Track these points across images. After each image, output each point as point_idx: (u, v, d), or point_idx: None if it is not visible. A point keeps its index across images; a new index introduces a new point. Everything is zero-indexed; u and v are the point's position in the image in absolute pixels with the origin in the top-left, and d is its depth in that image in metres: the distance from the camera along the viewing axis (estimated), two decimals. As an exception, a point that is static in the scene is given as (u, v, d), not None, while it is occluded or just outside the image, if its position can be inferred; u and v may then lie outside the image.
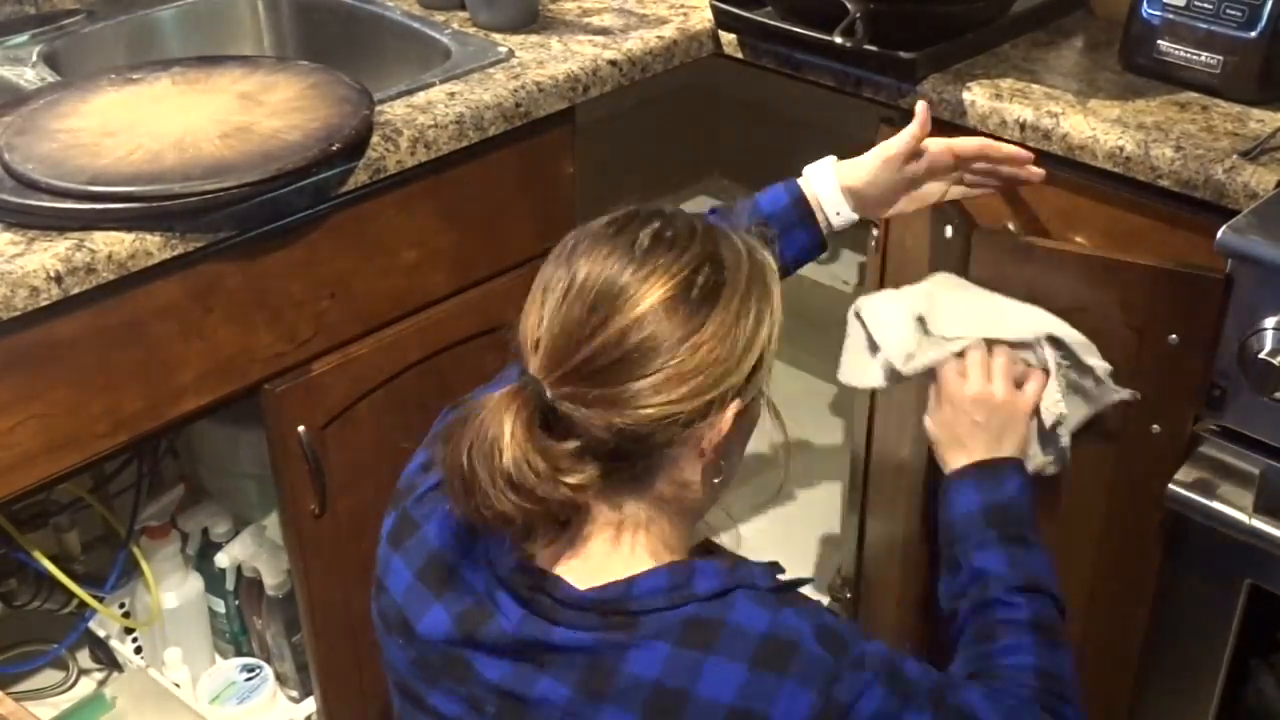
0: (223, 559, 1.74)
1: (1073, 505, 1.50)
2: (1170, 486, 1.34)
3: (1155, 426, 1.40)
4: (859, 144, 1.67)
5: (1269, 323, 1.26)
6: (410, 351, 1.57)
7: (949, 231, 1.45)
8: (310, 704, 1.74)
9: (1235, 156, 1.37)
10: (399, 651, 1.06)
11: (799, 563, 2.06)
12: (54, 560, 1.61)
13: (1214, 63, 1.49)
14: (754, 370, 0.99)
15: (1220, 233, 1.25)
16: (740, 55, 1.73)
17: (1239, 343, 1.28)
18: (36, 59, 1.60)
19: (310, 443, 1.49)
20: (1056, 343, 1.32)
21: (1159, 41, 1.52)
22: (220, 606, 1.81)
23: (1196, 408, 1.36)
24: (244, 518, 1.78)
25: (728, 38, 1.73)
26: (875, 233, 1.67)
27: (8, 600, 1.71)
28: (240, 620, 1.82)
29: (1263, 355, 1.26)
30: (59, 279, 1.22)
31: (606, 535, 1.00)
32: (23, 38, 1.64)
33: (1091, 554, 1.51)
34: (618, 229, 0.99)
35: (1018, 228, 1.53)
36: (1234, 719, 1.46)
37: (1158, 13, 1.51)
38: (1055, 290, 1.40)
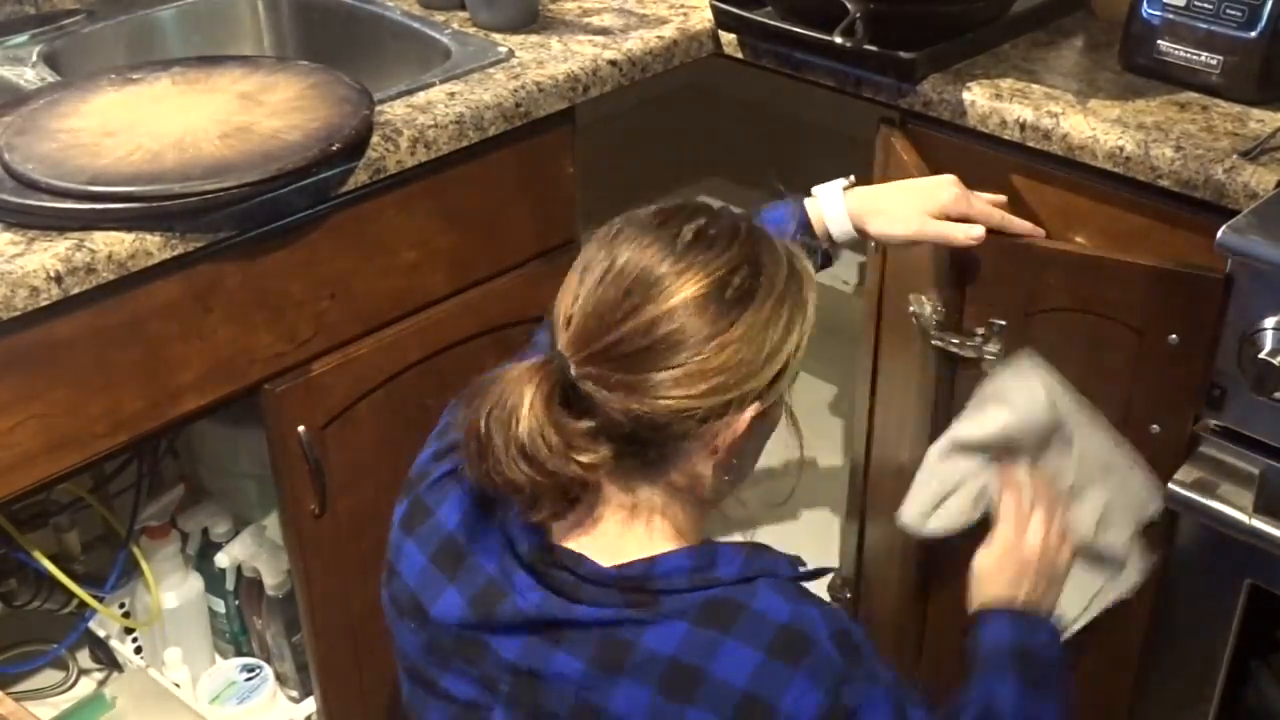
0: (223, 559, 1.74)
1: (1073, 505, 1.50)
2: (1170, 486, 1.34)
3: (1155, 426, 1.39)
4: (859, 144, 1.67)
5: (1269, 323, 1.26)
6: (410, 351, 1.57)
7: (949, 231, 1.45)
8: (310, 704, 1.74)
9: (1235, 156, 1.37)
10: (411, 636, 1.06)
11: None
12: (54, 560, 1.61)
13: (1214, 63, 1.49)
14: (777, 376, 1.01)
15: (1220, 233, 1.25)
16: (740, 55, 1.73)
17: (1239, 343, 1.28)
18: (36, 59, 1.60)
19: (310, 443, 1.49)
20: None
21: (1159, 41, 1.52)
22: (220, 606, 1.81)
23: (1196, 408, 1.36)
24: (244, 518, 1.78)
25: (728, 38, 1.73)
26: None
27: (8, 600, 1.71)
28: (240, 620, 1.82)
29: (1263, 355, 1.26)
30: (59, 279, 1.22)
31: (620, 517, 1.02)
32: (23, 38, 1.64)
33: (1091, 554, 1.51)
34: (663, 220, 1.00)
35: (1018, 228, 1.54)
36: (1234, 719, 1.46)
37: (1158, 13, 1.51)
38: (1055, 290, 1.40)
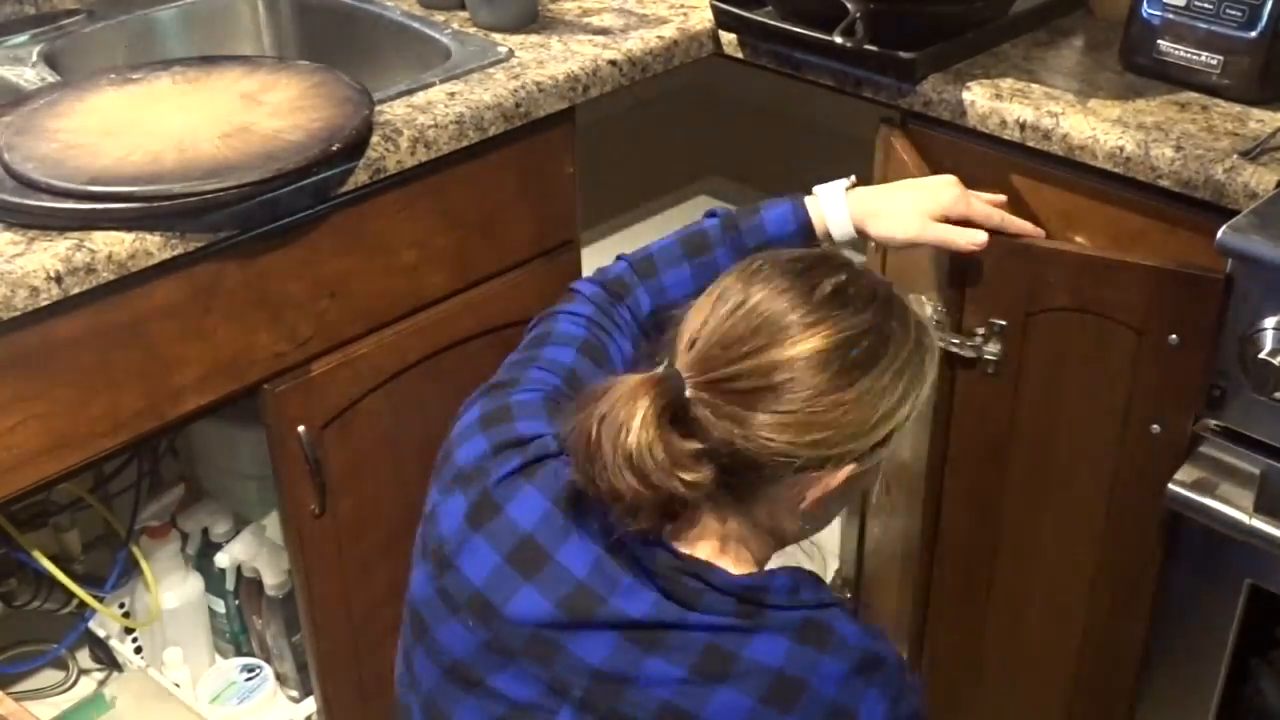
0: (223, 559, 1.74)
1: (1073, 505, 1.50)
2: (1170, 486, 1.34)
3: (1155, 426, 1.40)
4: (859, 144, 1.67)
5: (1269, 323, 1.26)
6: (410, 351, 1.57)
7: (949, 231, 1.46)
8: (310, 704, 1.74)
9: (1235, 156, 1.37)
10: (464, 633, 1.05)
11: (800, 562, 2.05)
12: (54, 560, 1.61)
13: (1214, 63, 1.49)
14: (880, 442, 1.03)
15: (1220, 233, 1.25)
16: (740, 55, 1.73)
17: (1239, 343, 1.28)
18: (36, 59, 1.60)
19: (310, 443, 1.49)
20: None
21: (1159, 41, 1.52)
22: (220, 606, 1.81)
23: (1196, 408, 1.36)
24: (244, 518, 1.78)
25: (728, 38, 1.73)
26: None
27: (8, 600, 1.71)
28: (240, 620, 1.82)
29: (1263, 355, 1.26)
30: (59, 279, 1.22)
31: (713, 543, 1.04)
32: (23, 38, 1.64)
33: (1091, 554, 1.51)
34: (806, 268, 1.03)
35: (1018, 228, 1.53)
36: (1234, 719, 1.46)
37: (1158, 13, 1.51)
38: (1055, 290, 1.40)
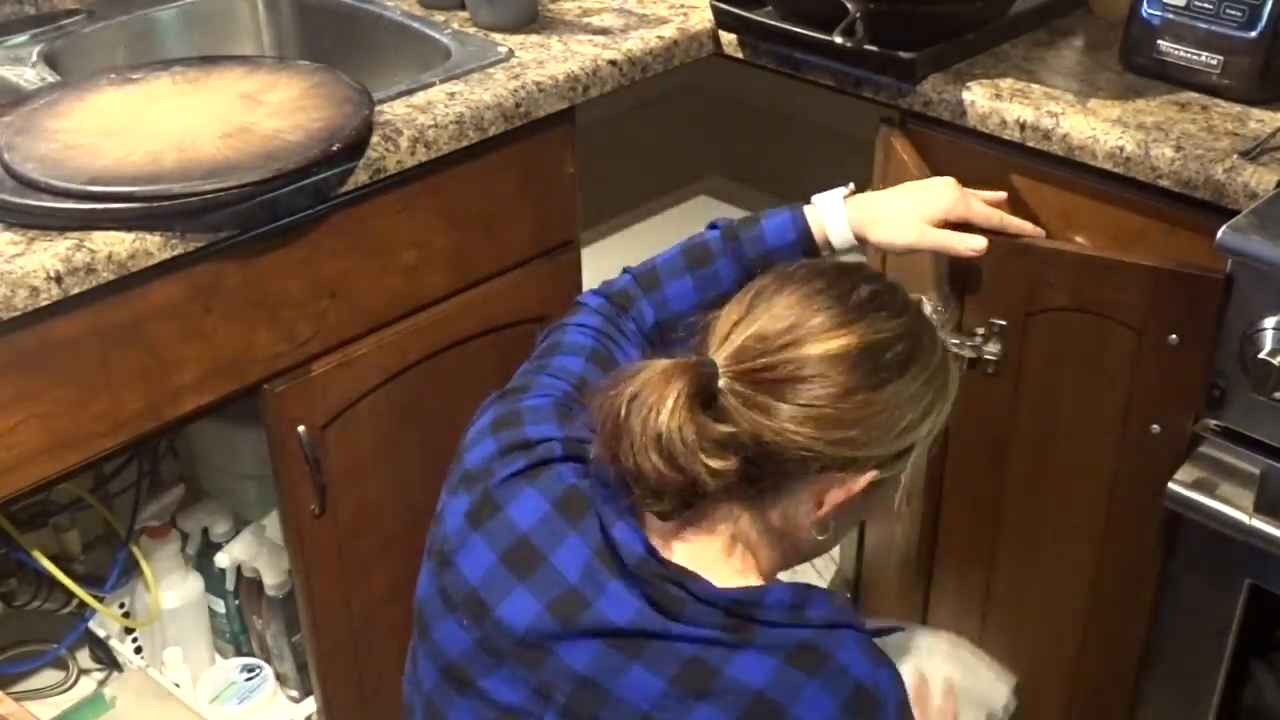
0: (223, 559, 1.74)
1: (1073, 505, 1.50)
2: (1170, 486, 1.34)
3: (1155, 426, 1.40)
4: (859, 144, 1.67)
5: (1269, 323, 1.26)
6: (410, 351, 1.57)
7: (949, 231, 1.46)
8: (310, 704, 1.74)
9: (1235, 156, 1.37)
10: (458, 632, 1.06)
11: (800, 563, 2.05)
12: (54, 560, 1.61)
13: (1214, 63, 1.49)
14: (902, 453, 1.04)
15: (1220, 233, 1.25)
16: (740, 55, 1.73)
17: (1239, 343, 1.28)
18: (36, 59, 1.60)
19: (310, 443, 1.49)
20: None
21: (1159, 41, 1.52)
22: (220, 606, 1.81)
23: (1196, 408, 1.36)
24: (244, 518, 1.78)
25: (728, 38, 1.73)
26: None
27: (8, 600, 1.71)
28: (240, 620, 1.82)
29: (1263, 355, 1.26)
30: (59, 279, 1.22)
31: (721, 543, 1.04)
32: (23, 38, 1.64)
33: (1091, 554, 1.51)
34: (840, 273, 1.05)
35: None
36: (1234, 719, 1.46)
37: (1158, 13, 1.51)
38: (1055, 290, 1.40)
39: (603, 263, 1.67)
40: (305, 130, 1.38)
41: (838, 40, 1.54)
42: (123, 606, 1.82)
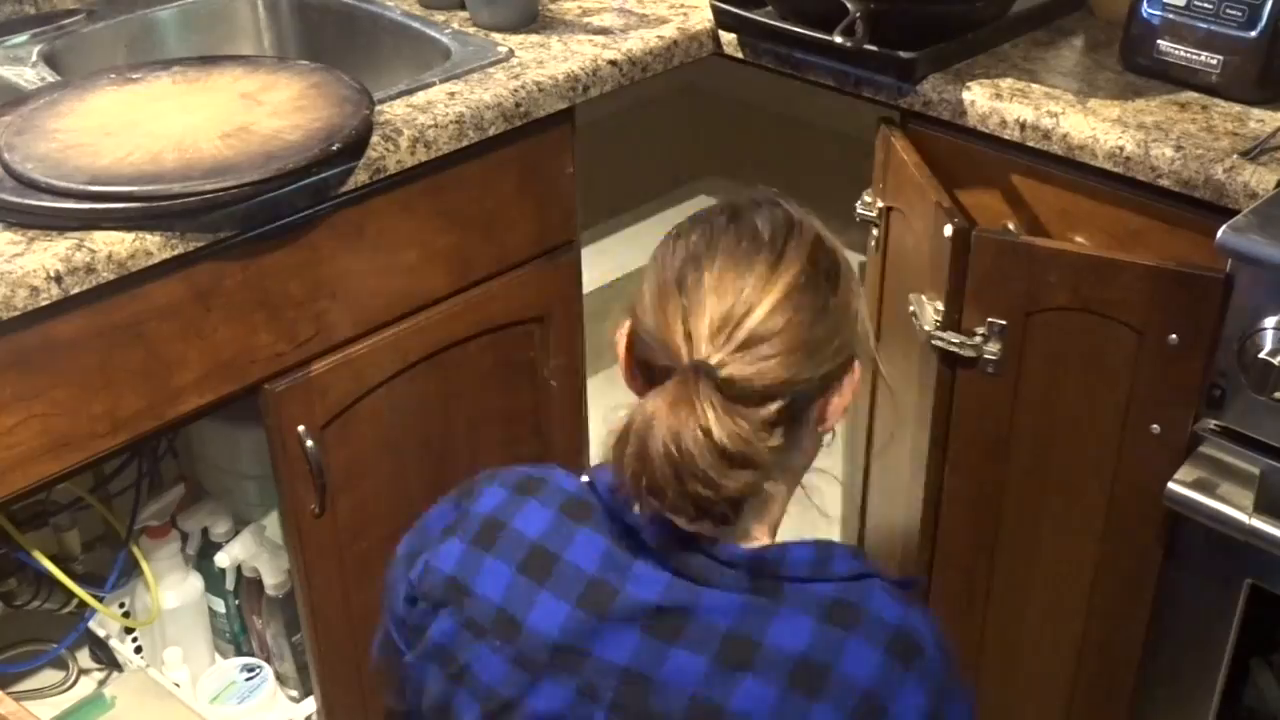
0: (223, 559, 1.74)
1: (1073, 505, 1.50)
2: (1170, 486, 1.34)
3: (1155, 426, 1.40)
4: (859, 144, 1.67)
5: (1269, 323, 1.26)
6: (410, 351, 1.57)
7: (949, 231, 1.45)
8: (310, 704, 1.74)
9: (1235, 156, 1.37)
10: (493, 657, 1.03)
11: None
12: (54, 560, 1.61)
13: (1214, 63, 1.49)
14: (866, 335, 1.07)
15: (1220, 233, 1.25)
16: (740, 55, 1.73)
17: (1239, 343, 1.28)
18: (36, 59, 1.60)
19: (310, 443, 1.49)
20: None
21: (1159, 41, 1.52)
22: (220, 606, 1.81)
23: (1196, 408, 1.36)
24: (244, 518, 1.77)
25: (728, 38, 1.73)
26: (875, 233, 1.68)
27: (8, 600, 1.71)
28: (240, 620, 1.82)
29: (1263, 355, 1.26)
30: (59, 279, 1.22)
31: (773, 511, 1.06)
32: (23, 38, 1.64)
33: (1091, 554, 1.51)
34: (732, 220, 1.04)
35: (1018, 228, 1.54)
36: (1234, 719, 1.46)
37: (1158, 13, 1.51)
38: (1055, 290, 1.40)
39: (603, 263, 1.67)
40: (305, 130, 1.38)
41: (838, 40, 1.54)
42: (123, 606, 1.82)
